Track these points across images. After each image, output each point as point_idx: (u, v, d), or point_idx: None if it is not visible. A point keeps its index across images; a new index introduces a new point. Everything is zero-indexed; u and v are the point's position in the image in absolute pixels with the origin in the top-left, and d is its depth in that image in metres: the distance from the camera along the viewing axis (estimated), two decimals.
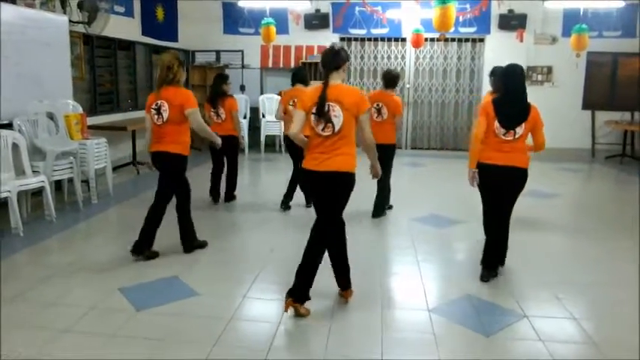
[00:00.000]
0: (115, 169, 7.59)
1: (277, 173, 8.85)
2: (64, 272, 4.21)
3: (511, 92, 4.10)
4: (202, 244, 4.83)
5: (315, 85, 3.59)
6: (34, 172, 5.51)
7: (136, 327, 3.33)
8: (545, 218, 6.07)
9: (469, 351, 3.14)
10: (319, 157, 3.44)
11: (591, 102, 10.84)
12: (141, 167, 8.42)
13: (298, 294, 3.47)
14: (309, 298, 3.51)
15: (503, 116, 4.03)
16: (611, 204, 7.19)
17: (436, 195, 7.00)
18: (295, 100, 6.01)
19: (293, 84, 6.21)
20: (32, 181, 5.32)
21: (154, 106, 4.41)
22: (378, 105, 5.69)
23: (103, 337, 3.17)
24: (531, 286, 4.15)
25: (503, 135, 4.04)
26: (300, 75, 6.27)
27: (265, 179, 8.77)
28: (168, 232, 4.68)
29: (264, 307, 3.72)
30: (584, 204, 7.19)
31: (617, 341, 3.26)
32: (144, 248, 4.50)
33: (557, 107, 10.62)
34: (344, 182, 3.46)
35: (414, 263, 4.53)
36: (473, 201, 6.93)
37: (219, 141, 4.98)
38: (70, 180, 6.10)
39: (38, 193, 5.63)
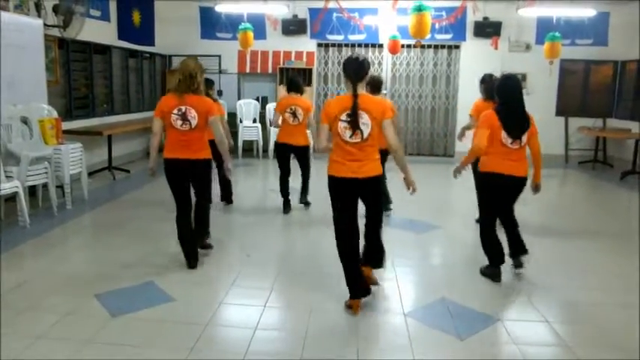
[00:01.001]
0: (90, 174, 7.51)
1: (255, 179, 8.86)
2: (38, 278, 4.16)
3: (514, 102, 4.30)
4: (209, 246, 4.89)
5: (340, 96, 3.79)
6: (7, 177, 5.42)
7: (112, 333, 3.30)
8: (519, 222, 6.15)
9: (444, 355, 3.18)
10: (353, 165, 3.59)
11: (564, 109, 11.04)
12: (117, 172, 8.36)
13: (374, 262, 4.03)
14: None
15: (510, 126, 4.20)
16: (584, 208, 7.34)
17: (413, 200, 7.03)
18: (294, 108, 6.06)
19: (289, 91, 6.30)
20: (6, 187, 5.24)
21: (176, 112, 4.29)
22: None
23: (78, 343, 3.14)
24: (505, 289, 4.22)
25: (511, 144, 4.20)
26: (298, 83, 6.35)
27: (243, 185, 8.74)
28: (143, 238, 4.66)
29: (240, 313, 3.72)
30: (557, 208, 7.32)
31: (589, 343, 3.33)
32: (194, 259, 4.48)
33: (532, 114, 10.79)
34: (378, 184, 3.77)
35: (390, 268, 4.56)
36: (449, 206, 7.05)
37: (228, 164, 4.64)
38: (45, 185, 6.02)
39: (12, 198, 5.54)
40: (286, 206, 6.33)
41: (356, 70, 3.62)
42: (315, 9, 10.54)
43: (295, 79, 6.49)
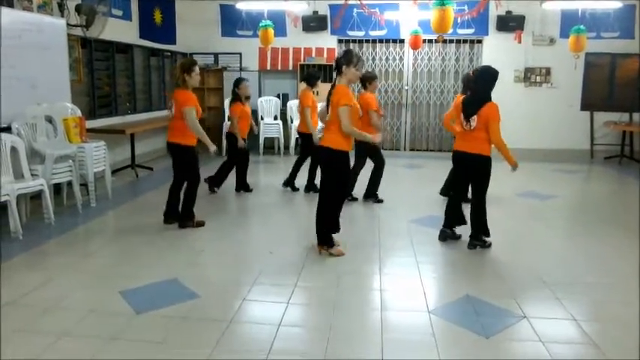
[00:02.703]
0: (113, 172, 7.58)
1: (276, 175, 8.87)
2: (63, 275, 4.21)
3: (473, 89, 4.94)
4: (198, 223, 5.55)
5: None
6: (32, 175, 5.50)
7: (136, 330, 3.32)
8: (545, 219, 6.07)
9: (469, 352, 3.13)
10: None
11: (590, 103, 10.84)
12: (140, 170, 8.43)
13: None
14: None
15: (463, 109, 4.87)
16: (610, 204, 7.20)
17: (434, 196, 7.00)
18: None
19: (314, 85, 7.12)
20: (31, 185, 5.32)
21: (169, 103, 5.22)
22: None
23: (102, 341, 3.16)
24: (531, 286, 4.15)
25: (465, 125, 4.85)
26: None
27: (265, 181, 8.75)
28: (166, 236, 4.68)
29: (264, 310, 3.72)
30: (583, 204, 7.19)
31: (617, 342, 3.26)
32: (170, 218, 5.56)
33: (556, 108, 10.65)
34: (325, 154, 4.64)
35: (413, 264, 4.53)
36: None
37: (212, 147, 5.47)
38: (69, 183, 6.09)
39: (37, 196, 5.62)
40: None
41: (335, 65, 4.54)
42: (336, 5, 10.50)
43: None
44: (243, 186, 7.26)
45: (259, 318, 3.61)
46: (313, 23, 10.78)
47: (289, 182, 7.35)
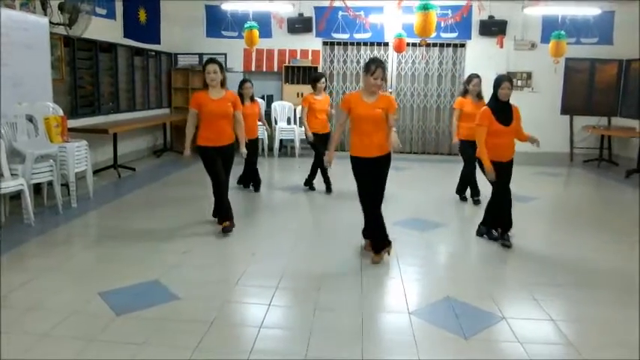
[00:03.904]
0: (95, 172, 7.54)
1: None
2: (43, 277, 4.17)
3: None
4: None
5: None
6: (12, 175, 5.45)
7: (117, 331, 3.31)
8: (526, 221, 6.14)
9: (448, 353, 3.17)
10: None
11: (569, 107, 11.01)
12: (122, 170, 8.38)
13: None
14: None
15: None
16: (590, 207, 7.32)
17: (418, 198, 7.06)
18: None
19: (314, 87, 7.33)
20: (11, 185, 5.26)
21: None
22: None
23: (83, 342, 3.15)
24: (510, 288, 4.22)
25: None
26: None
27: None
28: (147, 237, 4.66)
29: (245, 311, 3.73)
30: (563, 207, 7.30)
31: (593, 341, 3.32)
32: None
33: (537, 112, 10.77)
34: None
35: (395, 266, 4.57)
36: (454, 205, 7.03)
37: (185, 152, 5.49)
38: (50, 183, 6.04)
39: (17, 196, 5.55)
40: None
41: None
42: (321, 7, 10.55)
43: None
44: (245, 182, 7.51)
45: (241, 319, 3.62)
46: (298, 25, 10.81)
47: (309, 182, 7.58)
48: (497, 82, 5.08)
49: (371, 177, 4.56)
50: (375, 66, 4.41)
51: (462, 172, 6.94)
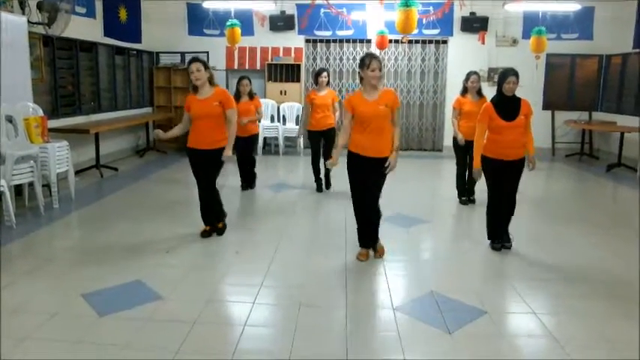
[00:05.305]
0: (77, 172, 7.46)
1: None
2: (25, 278, 4.13)
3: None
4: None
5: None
6: None
7: (100, 333, 3.29)
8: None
9: (432, 348, 3.19)
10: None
11: (551, 102, 11.11)
12: (105, 170, 8.31)
13: None
14: None
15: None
16: (571, 201, 7.40)
17: (402, 195, 7.08)
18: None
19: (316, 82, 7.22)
20: None
21: None
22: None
23: (66, 344, 3.13)
24: (493, 282, 4.26)
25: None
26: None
27: (233, 181, 8.73)
28: (130, 237, 4.63)
29: (229, 310, 3.73)
30: (545, 201, 7.36)
31: (574, 334, 3.36)
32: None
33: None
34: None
35: (379, 262, 4.59)
36: (438, 201, 7.07)
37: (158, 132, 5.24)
38: (31, 184, 5.98)
39: None
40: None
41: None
42: (303, 5, 10.53)
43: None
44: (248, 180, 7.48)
45: (224, 318, 3.61)
46: (280, 23, 10.79)
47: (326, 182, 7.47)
48: (503, 76, 4.91)
49: (365, 177, 4.45)
50: (370, 58, 4.33)
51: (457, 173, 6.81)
